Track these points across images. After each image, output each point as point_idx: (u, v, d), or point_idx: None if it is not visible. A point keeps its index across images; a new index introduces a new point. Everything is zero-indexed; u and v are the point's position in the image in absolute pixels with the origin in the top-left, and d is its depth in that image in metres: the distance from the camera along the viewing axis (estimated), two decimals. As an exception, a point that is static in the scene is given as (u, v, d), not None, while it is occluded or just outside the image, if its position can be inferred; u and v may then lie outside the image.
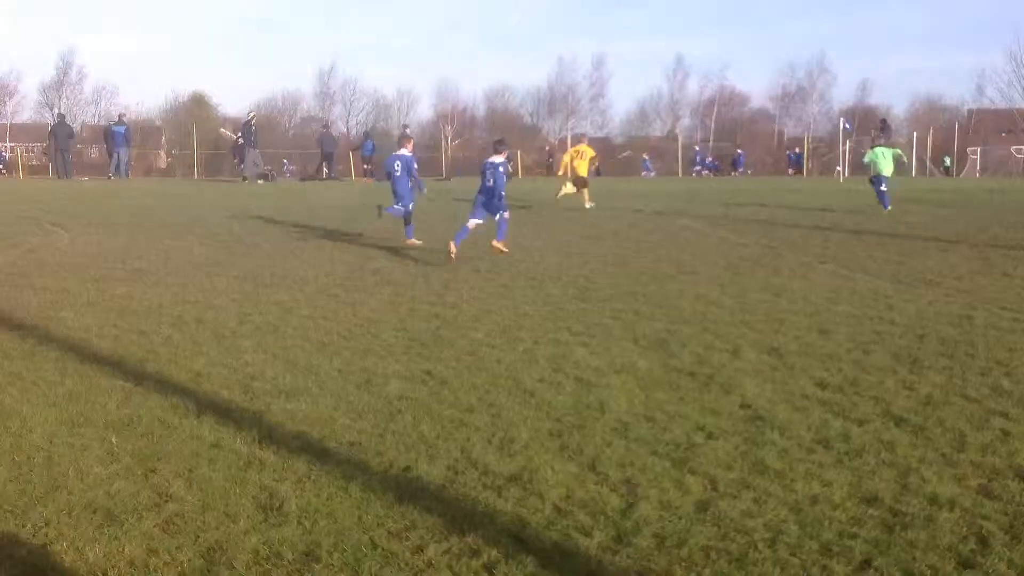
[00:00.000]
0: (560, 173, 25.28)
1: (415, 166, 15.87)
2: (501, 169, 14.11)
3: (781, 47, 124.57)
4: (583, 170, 22.92)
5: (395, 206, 15.62)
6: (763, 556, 4.18)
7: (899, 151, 22.39)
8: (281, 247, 15.38)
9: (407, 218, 15.62)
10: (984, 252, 13.86)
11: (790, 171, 53.14)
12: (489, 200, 13.90)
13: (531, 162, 63.40)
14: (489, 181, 13.91)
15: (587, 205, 22.07)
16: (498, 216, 13.91)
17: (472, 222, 13.94)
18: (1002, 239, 15.45)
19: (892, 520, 4.55)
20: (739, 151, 59.80)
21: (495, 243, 13.69)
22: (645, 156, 61.12)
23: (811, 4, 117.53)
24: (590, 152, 23.07)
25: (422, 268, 12.88)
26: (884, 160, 20.48)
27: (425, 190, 16.79)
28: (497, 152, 14.51)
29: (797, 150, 56.16)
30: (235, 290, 11.19)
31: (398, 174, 15.63)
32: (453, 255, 13.34)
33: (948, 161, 42.28)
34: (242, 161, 41.53)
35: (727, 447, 5.58)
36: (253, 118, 40.32)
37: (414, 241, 15.27)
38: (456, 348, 8.15)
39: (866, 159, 21.66)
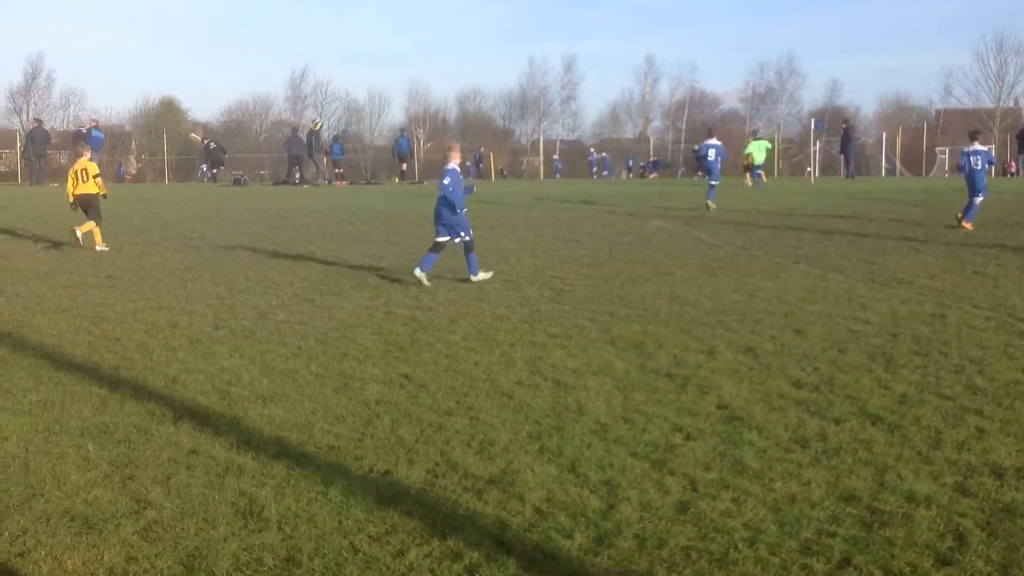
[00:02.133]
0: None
1: (460, 186, 12.18)
2: (447, 180, 11.79)
3: (751, 48, 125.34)
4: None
5: (446, 240, 12.09)
6: (743, 556, 4.20)
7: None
8: (255, 251, 15.30)
9: (468, 246, 12.15)
10: (955, 251, 14.00)
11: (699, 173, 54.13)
12: (448, 218, 11.81)
13: (504, 165, 63.45)
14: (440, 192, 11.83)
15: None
16: (457, 240, 11.89)
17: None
18: (972, 238, 15.60)
19: (870, 518, 4.59)
20: (655, 158, 60.63)
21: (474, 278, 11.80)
22: (556, 157, 61.68)
23: (780, 4, 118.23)
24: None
25: (399, 272, 12.84)
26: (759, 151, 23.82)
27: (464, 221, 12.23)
28: (449, 156, 12.37)
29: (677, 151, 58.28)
30: (210, 295, 11.13)
31: (444, 194, 11.99)
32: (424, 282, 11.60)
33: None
34: (214, 166, 41.43)
35: (705, 448, 5.61)
36: (318, 126, 40.84)
37: (484, 275, 12.09)
38: (434, 351, 8.14)
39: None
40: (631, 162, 63.10)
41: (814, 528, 4.48)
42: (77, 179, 15.86)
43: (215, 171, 42.85)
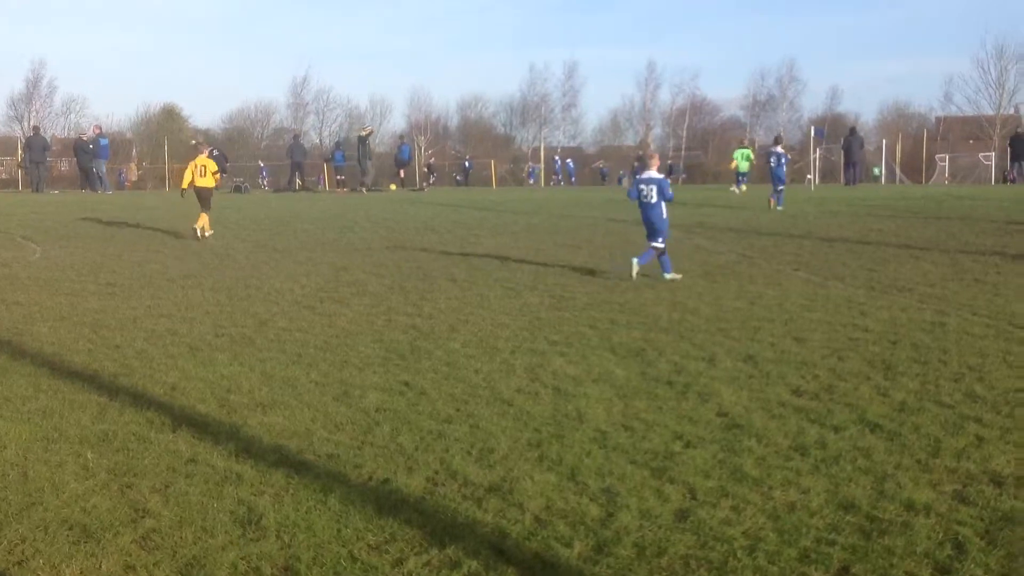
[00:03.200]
0: None
1: (670, 191, 13.06)
2: (667, 190, 12.90)
3: (752, 55, 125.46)
4: None
5: (650, 248, 12.87)
6: (742, 564, 4.20)
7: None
8: (255, 259, 15.32)
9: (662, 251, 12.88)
10: (955, 258, 14.00)
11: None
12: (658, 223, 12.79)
13: (504, 171, 63.56)
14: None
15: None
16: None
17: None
18: (972, 245, 15.60)
19: (869, 526, 4.58)
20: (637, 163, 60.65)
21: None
22: (532, 165, 61.66)
23: (781, 12, 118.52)
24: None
25: (398, 279, 12.86)
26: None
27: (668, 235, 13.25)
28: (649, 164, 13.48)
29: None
30: (210, 302, 11.14)
31: (652, 201, 12.87)
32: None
33: (877, 171, 42.64)
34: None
35: (705, 455, 5.60)
36: (368, 132, 41.31)
37: (674, 275, 12.61)
38: (434, 359, 8.14)
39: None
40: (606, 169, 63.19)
41: (813, 536, 4.47)
42: (195, 173, 18.60)
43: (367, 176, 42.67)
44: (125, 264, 14.66)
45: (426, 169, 54.36)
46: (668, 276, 12.56)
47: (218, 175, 19.34)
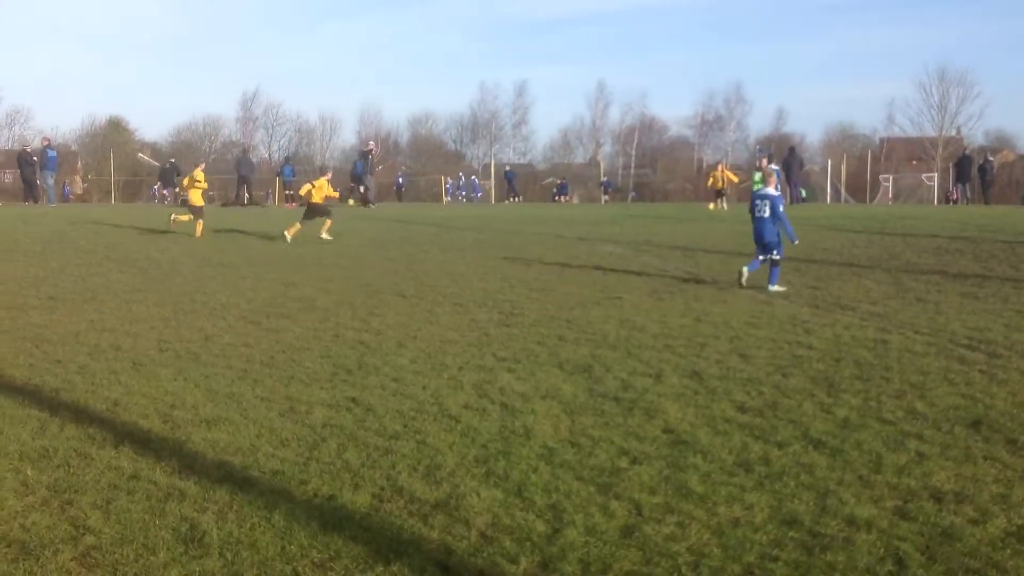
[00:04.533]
0: None
1: (781, 208, 13.64)
2: (780, 207, 13.59)
3: (700, 75, 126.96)
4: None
5: (756, 261, 13.60)
6: (687, 579, 4.22)
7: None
8: (201, 273, 15.15)
9: (774, 262, 13.49)
10: (897, 277, 14.24)
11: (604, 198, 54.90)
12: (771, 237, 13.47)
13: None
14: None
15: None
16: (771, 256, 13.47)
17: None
18: (914, 264, 15.88)
19: (812, 542, 4.63)
20: (561, 180, 60.91)
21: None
22: (472, 176, 61.56)
23: (728, 34, 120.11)
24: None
25: (347, 295, 12.79)
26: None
27: (796, 239, 14.17)
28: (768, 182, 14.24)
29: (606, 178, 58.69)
30: (154, 317, 11.00)
31: (764, 216, 13.55)
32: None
33: (805, 193, 43.08)
34: (166, 187, 41.03)
35: (651, 471, 5.64)
36: (370, 150, 41.19)
37: (779, 288, 13.12)
38: (381, 375, 8.11)
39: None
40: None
41: (757, 552, 4.52)
42: (316, 190, 21.18)
43: (166, 191, 42.36)
44: (68, 278, 14.43)
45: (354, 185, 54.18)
46: (773, 288, 13.07)
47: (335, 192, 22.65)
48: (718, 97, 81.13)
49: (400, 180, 60.77)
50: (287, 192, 43.03)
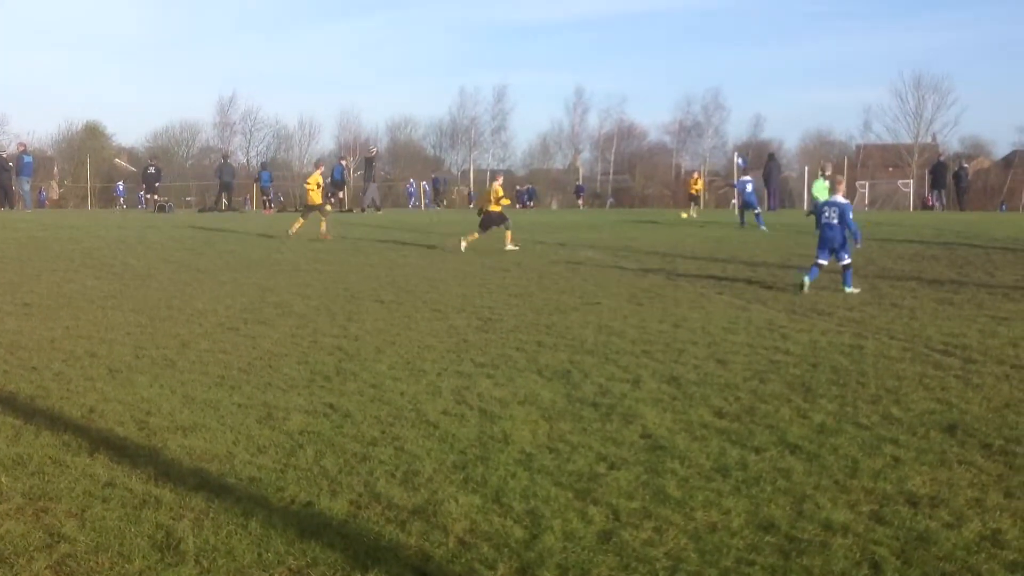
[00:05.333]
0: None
1: (851, 215, 13.93)
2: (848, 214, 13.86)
3: (678, 82, 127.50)
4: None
5: (815, 269, 13.86)
6: (664, 585, 4.23)
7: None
8: (178, 279, 15.08)
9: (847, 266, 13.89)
10: (873, 283, 14.33)
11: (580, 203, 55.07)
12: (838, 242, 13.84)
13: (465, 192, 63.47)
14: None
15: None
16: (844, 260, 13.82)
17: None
18: (890, 270, 15.99)
19: (788, 546, 4.65)
20: (529, 186, 60.92)
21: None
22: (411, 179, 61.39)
23: (706, 40, 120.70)
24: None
25: (325, 300, 12.76)
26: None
27: (860, 243, 14.48)
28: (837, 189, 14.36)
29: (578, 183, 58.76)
30: (130, 324, 10.93)
31: (834, 223, 13.91)
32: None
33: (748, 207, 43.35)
34: (149, 191, 40.75)
35: (629, 477, 5.65)
36: (375, 153, 41.25)
37: (854, 290, 13.52)
38: (359, 381, 8.09)
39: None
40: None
41: (734, 557, 4.53)
42: (490, 200, 20.63)
43: (149, 196, 41.88)
44: (43, 284, 14.32)
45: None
46: (849, 290, 13.44)
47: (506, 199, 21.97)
48: (696, 103, 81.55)
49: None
50: (264, 198, 42.93)
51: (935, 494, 5.39)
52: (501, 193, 20.51)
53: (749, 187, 28.91)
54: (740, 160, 39.29)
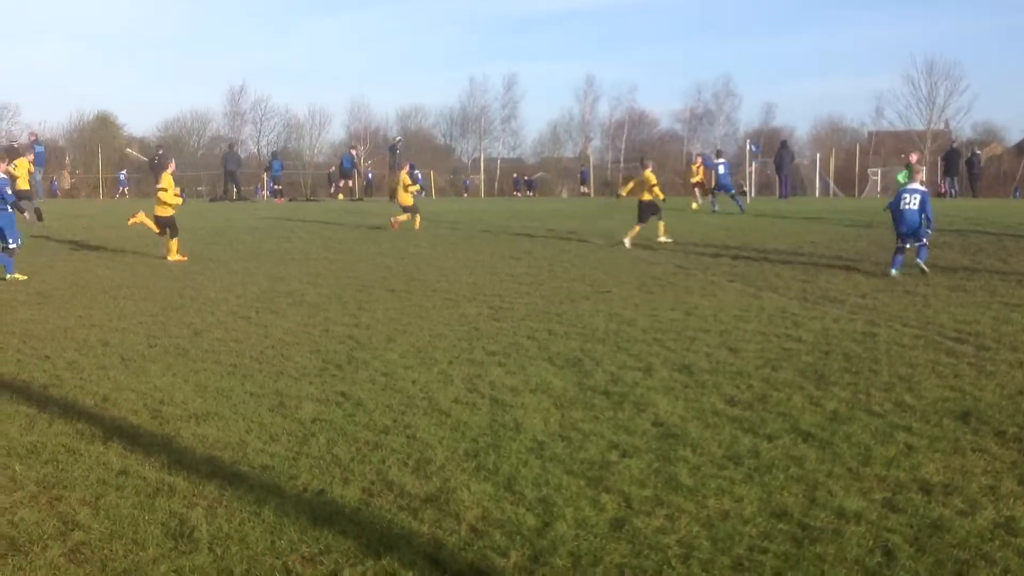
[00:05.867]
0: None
1: (929, 205, 14.33)
2: (920, 198, 14.23)
3: (689, 70, 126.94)
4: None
5: (899, 257, 14.15)
6: (677, 572, 4.23)
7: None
8: (190, 269, 15.11)
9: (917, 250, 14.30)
10: (886, 271, 14.26)
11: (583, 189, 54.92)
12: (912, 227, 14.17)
13: (444, 183, 63.39)
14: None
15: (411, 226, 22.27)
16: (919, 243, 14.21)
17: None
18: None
19: (801, 534, 4.64)
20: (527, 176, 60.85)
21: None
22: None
23: (717, 28, 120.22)
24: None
25: (336, 289, 12.78)
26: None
27: (932, 230, 14.92)
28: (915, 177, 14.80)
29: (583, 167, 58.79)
30: (143, 313, 10.97)
31: (913, 208, 14.21)
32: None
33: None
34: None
35: (641, 464, 5.65)
36: (399, 142, 41.58)
37: (926, 268, 13.94)
38: (371, 369, 8.10)
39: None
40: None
41: (746, 544, 4.53)
42: (643, 188, 18.94)
43: None
44: (56, 274, 14.37)
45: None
46: (921, 262, 13.98)
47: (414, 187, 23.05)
48: (707, 91, 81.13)
49: (370, 175, 60.43)
50: (275, 187, 42.95)
51: (948, 482, 5.37)
52: (655, 180, 19.03)
53: (722, 169, 29.10)
54: (753, 146, 39.14)
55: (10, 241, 13.93)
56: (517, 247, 18.22)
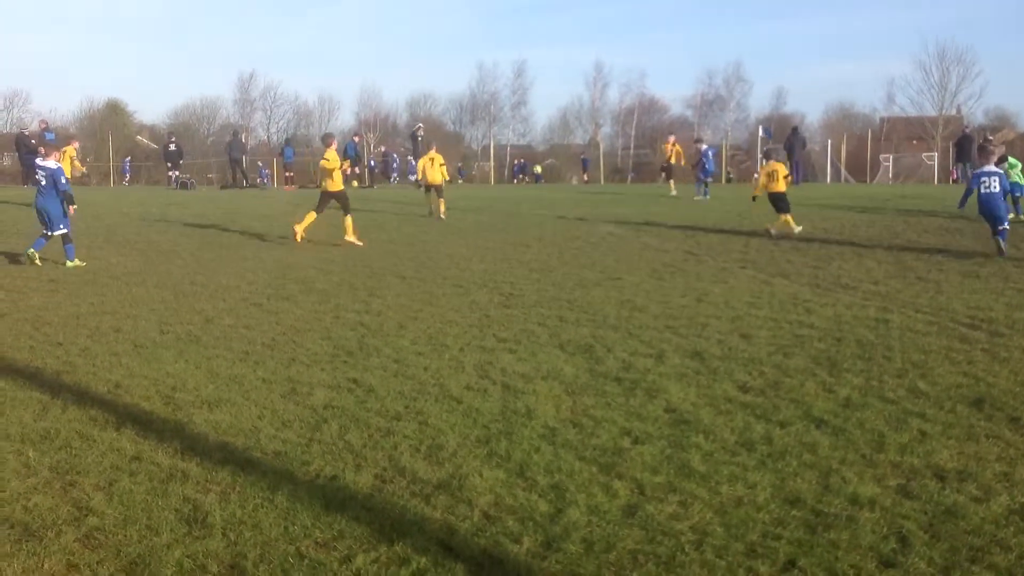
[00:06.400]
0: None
1: (1007, 182, 14.60)
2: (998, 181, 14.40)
3: (699, 55, 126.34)
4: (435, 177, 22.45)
5: (1001, 231, 14.39)
6: (690, 559, 4.23)
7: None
8: (201, 256, 15.13)
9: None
10: (899, 256, 14.22)
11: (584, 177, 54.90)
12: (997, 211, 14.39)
13: (453, 170, 63.30)
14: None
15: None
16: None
17: None
18: (915, 243, 15.85)
19: (815, 521, 4.63)
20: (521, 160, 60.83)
21: None
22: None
23: (727, 13, 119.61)
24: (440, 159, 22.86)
25: (347, 276, 12.78)
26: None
27: None
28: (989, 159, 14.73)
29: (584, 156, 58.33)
30: (155, 299, 10.99)
31: (994, 191, 14.46)
32: None
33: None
34: (174, 168, 40.66)
35: (653, 451, 5.64)
36: (420, 129, 41.91)
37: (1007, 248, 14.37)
38: (382, 356, 8.10)
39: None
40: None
41: (760, 531, 4.52)
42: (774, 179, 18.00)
43: (173, 173, 41.46)
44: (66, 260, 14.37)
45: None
46: (1003, 242, 14.21)
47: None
48: (718, 76, 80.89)
49: (372, 163, 60.11)
50: (287, 174, 42.95)
51: (963, 468, 5.35)
52: (785, 172, 18.32)
53: (710, 153, 30.01)
54: (764, 132, 39.01)
55: (60, 227, 14.01)
56: (528, 233, 18.19)
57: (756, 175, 18.99)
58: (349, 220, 16.79)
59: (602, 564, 4.19)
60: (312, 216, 16.89)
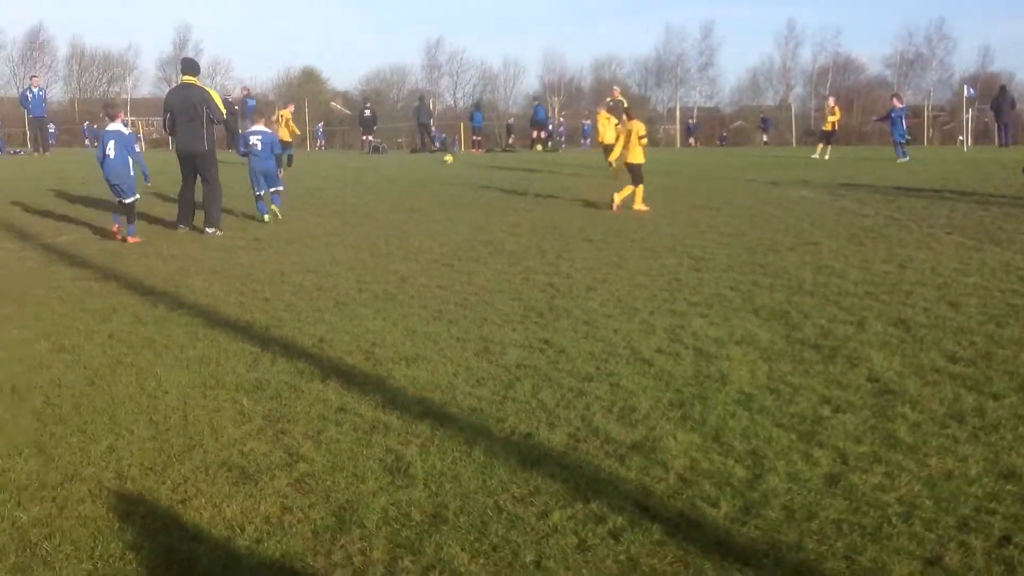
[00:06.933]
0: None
1: None
2: None
3: (898, 13, 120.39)
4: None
5: None
6: (898, 531, 4.08)
7: None
8: (394, 218, 15.56)
9: None
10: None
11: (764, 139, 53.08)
12: None
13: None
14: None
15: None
16: None
17: None
18: None
19: (1032, 497, 4.38)
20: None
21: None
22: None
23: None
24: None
25: (535, 239, 12.88)
26: None
27: None
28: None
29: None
30: (352, 259, 11.39)
31: None
32: None
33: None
34: (368, 133, 42.07)
35: (855, 420, 5.45)
36: (618, 95, 43.75)
37: None
38: (572, 318, 8.13)
39: None
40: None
41: (972, 505, 4.31)
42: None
43: (367, 138, 42.76)
44: (270, 222, 15.07)
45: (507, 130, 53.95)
46: None
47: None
48: (919, 34, 77.15)
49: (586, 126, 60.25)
50: (475, 138, 43.64)
51: None
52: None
53: (900, 115, 28.80)
54: (970, 91, 36.88)
55: (279, 184, 15.51)
56: (717, 198, 17.84)
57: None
58: (639, 190, 16.83)
59: (804, 532, 4.09)
60: (629, 189, 16.89)
